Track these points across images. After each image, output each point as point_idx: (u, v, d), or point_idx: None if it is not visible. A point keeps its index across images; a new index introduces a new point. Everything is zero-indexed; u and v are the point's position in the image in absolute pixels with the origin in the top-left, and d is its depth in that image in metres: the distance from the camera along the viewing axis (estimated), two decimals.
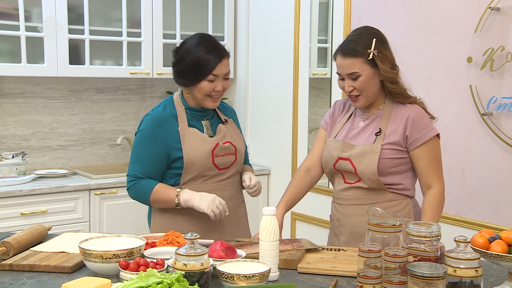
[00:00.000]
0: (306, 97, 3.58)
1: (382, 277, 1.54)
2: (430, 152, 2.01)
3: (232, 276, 1.53)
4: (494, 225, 2.55)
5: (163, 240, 1.91)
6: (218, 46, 2.13)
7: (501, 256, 1.53)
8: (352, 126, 2.12)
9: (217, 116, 2.27)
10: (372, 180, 2.02)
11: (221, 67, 2.11)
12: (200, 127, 2.19)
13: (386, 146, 2.01)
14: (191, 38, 2.17)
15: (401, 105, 2.05)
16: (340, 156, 2.07)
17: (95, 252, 1.64)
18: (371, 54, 1.98)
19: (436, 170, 2.02)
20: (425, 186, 2.03)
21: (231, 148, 2.21)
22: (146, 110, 4.13)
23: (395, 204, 2.05)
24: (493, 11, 2.52)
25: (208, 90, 2.13)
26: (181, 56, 2.14)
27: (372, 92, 2.04)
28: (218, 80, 2.13)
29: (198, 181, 2.17)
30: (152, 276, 1.46)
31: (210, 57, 2.09)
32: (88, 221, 3.37)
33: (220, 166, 2.18)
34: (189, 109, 2.20)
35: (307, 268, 1.77)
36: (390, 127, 2.03)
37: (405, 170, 2.05)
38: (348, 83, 2.02)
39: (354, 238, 2.06)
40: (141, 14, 3.72)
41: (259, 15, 3.93)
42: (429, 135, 2.01)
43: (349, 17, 3.22)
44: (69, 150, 3.83)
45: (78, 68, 3.55)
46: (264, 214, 1.72)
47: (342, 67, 2.02)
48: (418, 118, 2.02)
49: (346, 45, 2.02)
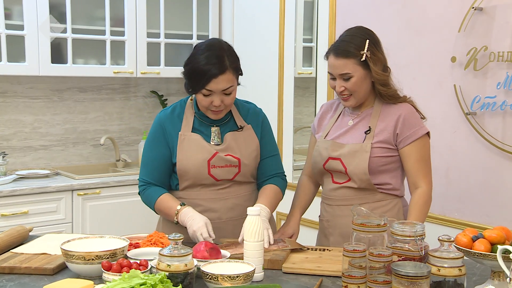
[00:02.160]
0: (291, 97, 3.58)
1: (367, 276, 1.55)
2: (419, 150, 2.02)
3: (217, 276, 1.53)
4: (478, 224, 2.57)
5: (147, 241, 1.90)
6: (221, 59, 1.96)
7: (484, 255, 1.55)
8: (341, 125, 2.13)
9: (233, 122, 2.13)
10: (362, 180, 2.02)
11: (217, 82, 1.95)
12: (207, 133, 2.09)
13: (376, 145, 2.02)
14: (202, 43, 2.04)
15: (391, 104, 2.06)
16: (331, 155, 2.08)
17: (78, 253, 1.63)
18: (364, 56, 1.98)
19: (424, 169, 2.03)
20: (412, 186, 2.04)
21: (233, 160, 2.06)
22: (130, 110, 4.17)
23: (384, 204, 2.06)
24: (476, 11, 2.55)
25: (205, 104, 2.01)
26: (186, 61, 2.03)
27: (363, 93, 2.04)
28: (214, 95, 1.98)
29: (195, 188, 2.09)
30: (135, 277, 1.45)
31: (207, 69, 1.94)
32: (70, 222, 3.34)
33: (218, 178, 2.06)
34: (199, 114, 2.10)
35: (292, 268, 1.77)
36: (379, 125, 2.04)
37: (394, 168, 2.06)
38: (339, 83, 2.03)
39: (343, 238, 2.05)
40: (125, 13, 3.69)
41: (244, 14, 3.93)
42: (419, 133, 2.02)
43: (334, 17, 3.23)
44: (52, 150, 3.80)
45: (61, 67, 3.52)
46: (248, 214, 1.72)
47: (334, 67, 2.02)
48: (408, 116, 2.03)
49: (339, 45, 2.02)
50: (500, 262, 1.48)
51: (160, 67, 3.88)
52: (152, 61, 3.85)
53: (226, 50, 2.00)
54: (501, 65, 2.49)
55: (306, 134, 3.67)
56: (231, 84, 2.00)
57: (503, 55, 2.47)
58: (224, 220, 2.07)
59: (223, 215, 2.08)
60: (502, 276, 1.59)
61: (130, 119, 4.10)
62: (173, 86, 4.26)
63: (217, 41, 2.06)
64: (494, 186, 2.55)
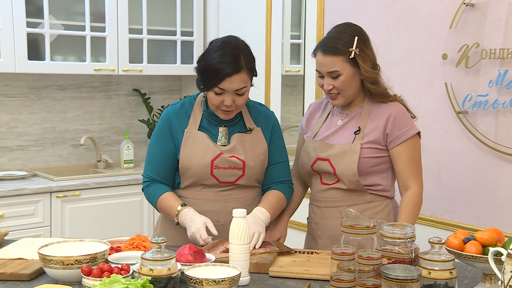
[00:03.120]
0: (279, 95, 3.59)
1: (356, 280, 1.56)
2: (410, 151, 2.03)
3: (201, 281, 1.53)
4: (470, 226, 2.60)
5: (129, 245, 1.90)
6: (236, 58, 1.95)
7: (476, 257, 1.56)
8: (330, 125, 2.13)
9: (243, 123, 2.13)
10: (352, 181, 2.03)
11: (231, 82, 1.95)
12: (215, 133, 2.09)
13: (366, 145, 2.03)
14: (217, 39, 2.04)
15: (381, 103, 2.07)
16: (319, 156, 2.08)
17: (56, 258, 1.62)
18: (352, 53, 1.99)
19: (414, 170, 2.04)
20: (403, 187, 2.05)
21: (238, 162, 2.06)
22: (112, 108, 4.16)
23: (374, 205, 2.07)
24: (468, 7, 2.57)
25: (216, 103, 2.01)
26: (200, 56, 2.03)
27: (352, 92, 2.05)
28: (226, 94, 1.98)
29: (197, 188, 2.09)
30: (116, 282, 1.45)
31: (222, 67, 1.94)
32: (49, 225, 3.32)
33: (221, 179, 2.07)
34: (208, 113, 2.10)
35: (279, 272, 1.78)
36: (369, 126, 2.05)
37: (384, 169, 2.07)
38: (327, 82, 2.03)
39: (332, 241, 2.06)
40: (105, 7, 3.67)
41: (229, 9, 3.93)
42: (409, 133, 2.03)
43: (322, 12, 3.24)
44: (29, 151, 3.77)
45: (38, 64, 3.50)
46: (234, 216, 1.72)
47: (322, 64, 2.02)
48: (399, 116, 2.04)
49: (327, 42, 2.02)
50: (492, 265, 1.49)
51: (142, 64, 3.86)
52: (135, 58, 3.83)
53: (242, 50, 2.00)
54: (493, 63, 2.51)
55: (294, 134, 3.68)
56: (244, 85, 1.99)
57: (495, 52, 2.49)
58: (223, 223, 2.05)
59: (222, 218, 2.06)
60: (494, 278, 1.60)
61: (111, 118, 4.08)
62: (157, 84, 4.25)
63: (234, 39, 2.05)
64: (486, 187, 2.58)
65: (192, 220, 1.97)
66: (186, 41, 4.04)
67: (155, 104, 4.20)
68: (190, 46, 4.06)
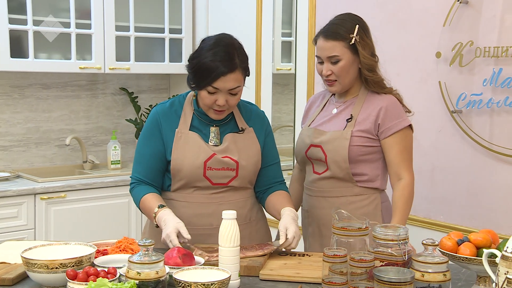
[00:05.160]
0: (270, 94, 3.59)
1: (348, 283, 1.56)
2: (401, 142, 2.10)
3: (190, 284, 1.53)
4: (464, 227, 2.61)
5: (116, 247, 1.89)
6: (231, 56, 1.96)
7: (470, 259, 1.57)
8: (325, 114, 2.22)
9: (234, 123, 2.13)
10: (342, 168, 2.10)
11: (225, 81, 1.95)
12: (206, 132, 2.09)
13: (357, 133, 2.10)
14: (210, 37, 2.04)
15: (376, 95, 2.15)
16: (312, 143, 2.16)
17: (40, 261, 1.61)
18: (353, 39, 2.07)
19: (406, 160, 2.10)
20: (395, 177, 2.10)
21: (231, 163, 2.05)
22: (98, 108, 4.14)
23: (362, 198, 2.13)
24: (462, 4, 2.59)
25: (208, 103, 2.00)
26: (192, 54, 2.02)
27: (349, 80, 2.13)
28: (220, 94, 1.98)
29: (188, 190, 2.08)
30: (102, 286, 1.45)
31: (216, 66, 1.94)
32: (33, 228, 3.30)
33: (213, 181, 2.06)
34: (199, 112, 2.10)
35: (270, 275, 1.78)
36: (362, 114, 2.12)
37: (374, 160, 2.13)
38: (326, 67, 2.11)
39: (320, 230, 2.18)
40: (91, 4, 3.66)
41: (219, 6, 3.93)
42: (401, 125, 2.10)
43: (314, 9, 3.25)
44: (12, 151, 3.74)
45: (21, 62, 3.48)
46: (223, 218, 1.72)
47: (323, 49, 2.10)
48: (391, 108, 2.11)
49: (328, 28, 2.12)
50: (486, 267, 1.50)
51: (130, 62, 3.85)
52: (121, 56, 3.82)
53: (237, 48, 2.00)
54: (487, 61, 2.53)
55: (285, 133, 3.68)
56: (238, 84, 2.00)
57: (489, 50, 2.51)
58: (215, 227, 1.99)
59: (214, 222, 2.03)
60: (488, 281, 1.61)
61: (98, 118, 4.07)
62: (144, 83, 4.24)
63: (228, 36, 2.05)
64: (480, 187, 2.59)
65: (166, 223, 1.93)
66: (174, 39, 4.03)
67: (143, 103, 4.19)
68: (178, 43, 4.06)
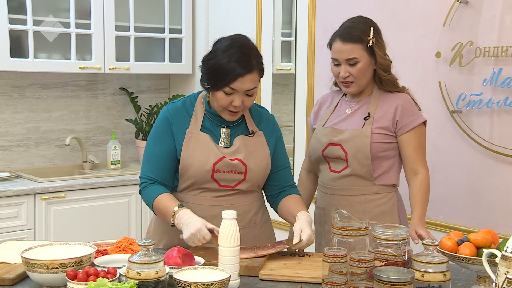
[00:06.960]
0: (269, 94, 3.60)
1: (348, 283, 1.57)
2: (417, 138, 2.17)
3: (190, 284, 1.53)
4: (464, 227, 2.61)
5: (116, 247, 1.90)
6: (248, 57, 1.97)
7: (470, 259, 1.57)
8: (339, 113, 2.26)
9: (245, 125, 2.13)
10: (363, 165, 2.14)
11: (242, 82, 1.95)
12: (217, 134, 2.08)
13: (376, 130, 2.15)
14: (225, 38, 2.04)
15: (389, 93, 2.22)
16: (331, 141, 2.19)
17: (40, 261, 1.62)
18: (370, 41, 2.14)
19: (422, 156, 2.18)
20: (411, 172, 2.16)
21: (240, 166, 2.05)
22: (98, 108, 4.14)
23: (380, 197, 2.18)
24: (462, 4, 2.59)
25: (224, 103, 2.00)
26: (207, 56, 2.02)
27: (366, 80, 2.19)
28: (236, 95, 1.98)
29: (195, 191, 2.07)
30: (102, 286, 1.45)
31: (233, 67, 1.94)
32: (33, 228, 3.30)
33: (221, 183, 2.05)
34: (210, 113, 2.10)
35: (270, 275, 1.78)
36: (378, 112, 2.17)
37: (391, 156, 2.19)
38: (344, 69, 2.15)
39: None
40: (91, 4, 3.66)
41: (219, 6, 3.93)
42: (417, 122, 2.17)
43: (314, 9, 3.25)
44: (12, 151, 3.74)
45: (21, 62, 3.48)
46: (223, 218, 1.73)
47: (341, 52, 2.15)
48: (407, 105, 2.18)
49: (345, 31, 2.17)
50: (486, 267, 1.51)
51: (130, 62, 3.85)
52: (121, 56, 3.82)
53: (253, 49, 2.02)
54: (487, 61, 2.53)
55: (285, 134, 3.68)
56: (255, 85, 2.00)
57: (489, 50, 2.51)
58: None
59: (219, 224, 2.01)
60: (488, 281, 1.62)
61: (97, 118, 4.07)
62: (144, 83, 4.24)
63: (243, 37, 2.06)
64: (480, 187, 2.60)
65: (189, 221, 1.92)
66: (174, 39, 4.04)
67: (143, 103, 4.19)
68: (178, 43, 4.06)
